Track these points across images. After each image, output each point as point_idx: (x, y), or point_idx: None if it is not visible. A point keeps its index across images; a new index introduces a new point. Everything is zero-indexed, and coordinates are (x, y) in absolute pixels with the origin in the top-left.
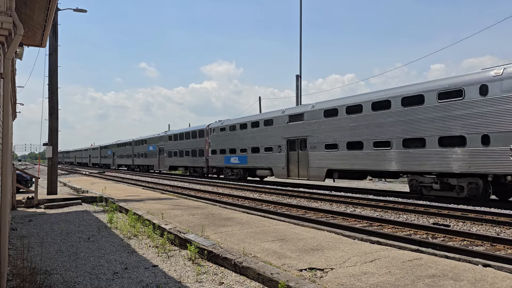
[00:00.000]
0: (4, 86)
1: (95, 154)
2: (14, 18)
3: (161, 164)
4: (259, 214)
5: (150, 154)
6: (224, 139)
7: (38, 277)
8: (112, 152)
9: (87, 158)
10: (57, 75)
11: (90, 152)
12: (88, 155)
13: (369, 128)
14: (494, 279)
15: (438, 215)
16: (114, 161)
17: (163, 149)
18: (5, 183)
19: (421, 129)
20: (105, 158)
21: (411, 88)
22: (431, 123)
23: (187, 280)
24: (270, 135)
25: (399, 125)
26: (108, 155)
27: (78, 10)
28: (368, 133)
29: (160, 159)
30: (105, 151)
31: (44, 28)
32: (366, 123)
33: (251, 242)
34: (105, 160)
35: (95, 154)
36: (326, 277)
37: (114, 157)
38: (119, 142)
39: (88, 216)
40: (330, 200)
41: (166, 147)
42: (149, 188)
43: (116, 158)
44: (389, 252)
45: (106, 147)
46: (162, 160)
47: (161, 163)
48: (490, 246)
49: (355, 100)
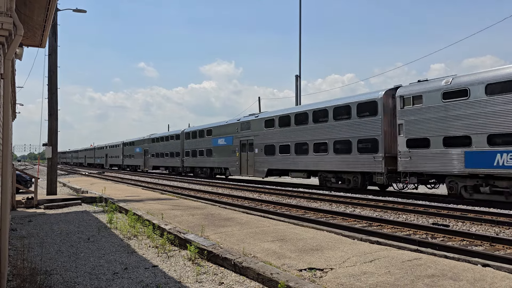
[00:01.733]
0: (4, 86)
1: (90, 154)
2: (14, 19)
3: (146, 164)
4: (258, 214)
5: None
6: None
7: (38, 278)
8: (105, 153)
9: (83, 158)
10: (57, 76)
11: (85, 152)
12: (84, 155)
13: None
14: (493, 279)
15: (438, 215)
16: (107, 161)
17: (147, 150)
18: (5, 183)
19: (313, 136)
20: (99, 159)
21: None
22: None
23: (187, 280)
24: (102, 153)
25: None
26: (101, 155)
27: (78, 10)
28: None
29: (145, 159)
30: (99, 152)
31: (44, 29)
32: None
33: (251, 242)
34: (99, 160)
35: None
36: (326, 277)
37: (107, 158)
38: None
39: (88, 216)
40: (329, 200)
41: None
42: (149, 189)
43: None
44: (389, 252)
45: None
46: (147, 160)
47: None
48: (489, 246)
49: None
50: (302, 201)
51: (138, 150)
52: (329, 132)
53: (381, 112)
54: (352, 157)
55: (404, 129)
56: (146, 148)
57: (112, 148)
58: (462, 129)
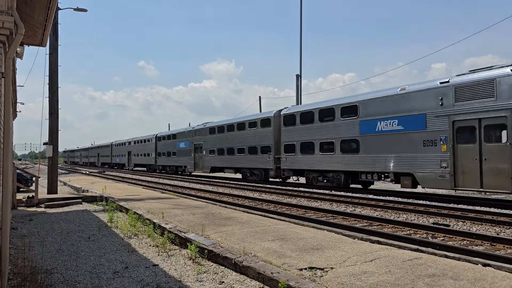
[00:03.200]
0: (5, 85)
1: (106, 152)
2: (15, 18)
3: (129, 162)
4: (259, 214)
5: (123, 155)
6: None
7: (39, 276)
8: (128, 151)
9: (95, 157)
10: (58, 75)
11: (99, 150)
12: (96, 153)
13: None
14: (493, 278)
15: (438, 214)
16: (130, 160)
17: (131, 151)
18: (6, 182)
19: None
20: (118, 157)
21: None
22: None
23: (188, 279)
24: (124, 150)
25: (236, 141)
26: (121, 153)
27: (79, 9)
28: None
29: (129, 159)
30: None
31: (45, 28)
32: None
33: (251, 241)
34: (119, 159)
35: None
36: (326, 276)
37: (130, 156)
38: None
39: (89, 215)
40: (330, 200)
41: (132, 150)
42: (149, 188)
43: (133, 157)
44: (389, 252)
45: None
46: (130, 159)
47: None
48: (489, 245)
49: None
50: (303, 200)
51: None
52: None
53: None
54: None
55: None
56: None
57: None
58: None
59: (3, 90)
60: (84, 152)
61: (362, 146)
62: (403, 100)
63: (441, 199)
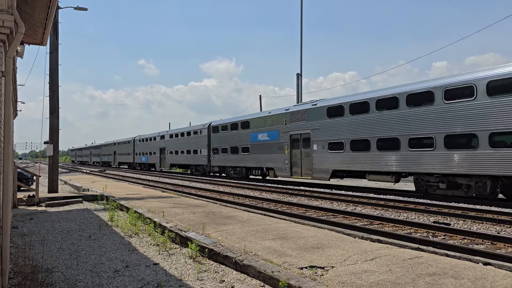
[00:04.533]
0: (5, 84)
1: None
2: (16, 17)
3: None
4: (260, 213)
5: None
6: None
7: (40, 275)
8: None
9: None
10: (58, 74)
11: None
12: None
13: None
14: (494, 277)
15: (439, 213)
16: (164, 160)
17: (164, 148)
18: (7, 181)
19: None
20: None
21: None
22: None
23: (188, 278)
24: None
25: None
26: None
27: (79, 8)
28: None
29: (162, 158)
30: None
31: (45, 27)
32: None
33: (252, 240)
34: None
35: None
36: (327, 275)
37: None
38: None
39: (89, 214)
40: (330, 199)
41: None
42: (150, 187)
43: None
44: (390, 250)
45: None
46: (163, 159)
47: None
48: (490, 244)
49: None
50: (303, 199)
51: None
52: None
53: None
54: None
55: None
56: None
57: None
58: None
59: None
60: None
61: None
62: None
63: (442, 198)
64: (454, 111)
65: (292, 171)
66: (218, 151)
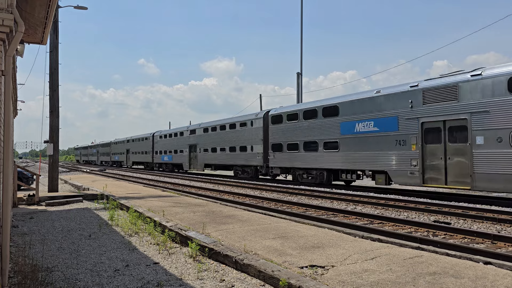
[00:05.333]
0: (5, 83)
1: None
2: (15, 15)
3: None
4: (260, 212)
5: (120, 154)
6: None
7: (40, 274)
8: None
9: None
10: (58, 73)
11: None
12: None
13: None
14: (495, 276)
15: (439, 212)
16: (128, 158)
17: (129, 150)
18: (7, 180)
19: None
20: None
21: None
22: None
23: (188, 277)
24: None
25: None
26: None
27: (79, 7)
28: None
29: (127, 157)
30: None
31: (45, 26)
32: None
33: (252, 239)
34: (117, 157)
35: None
36: (327, 274)
37: (128, 154)
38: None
39: (89, 213)
40: (331, 198)
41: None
42: (150, 186)
43: (130, 155)
44: (390, 250)
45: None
46: (129, 158)
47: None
48: (491, 243)
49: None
50: (304, 198)
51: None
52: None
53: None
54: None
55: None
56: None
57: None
58: None
59: (4, 88)
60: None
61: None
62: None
63: (442, 197)
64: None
65: (425, 176)
66: (282, 147)
